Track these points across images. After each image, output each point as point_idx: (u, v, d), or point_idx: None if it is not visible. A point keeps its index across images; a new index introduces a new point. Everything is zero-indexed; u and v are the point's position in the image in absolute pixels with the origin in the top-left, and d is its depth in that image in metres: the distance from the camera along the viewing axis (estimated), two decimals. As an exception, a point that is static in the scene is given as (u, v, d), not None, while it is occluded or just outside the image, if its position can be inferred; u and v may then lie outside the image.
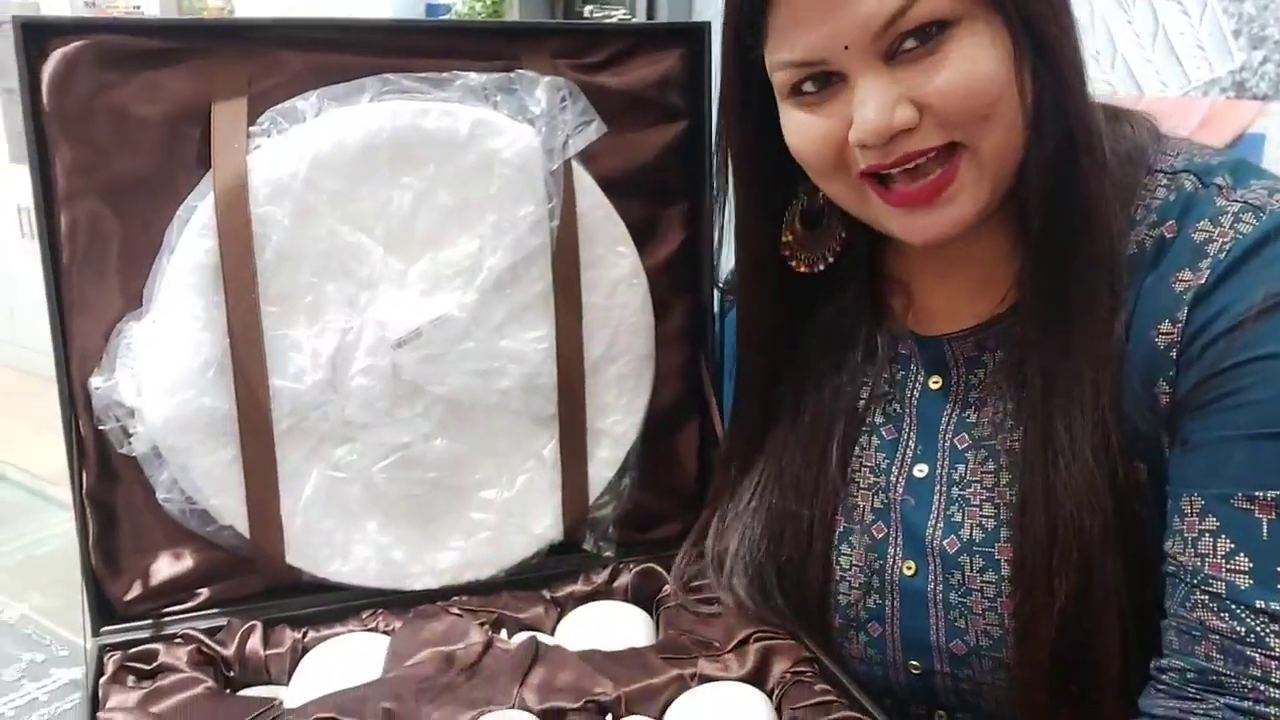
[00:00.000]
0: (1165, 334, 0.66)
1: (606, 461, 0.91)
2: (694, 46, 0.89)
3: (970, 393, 0.77)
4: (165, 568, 0.83)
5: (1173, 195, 0.69)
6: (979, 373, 0.77)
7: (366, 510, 0.85)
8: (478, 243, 0.84)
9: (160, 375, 0.79)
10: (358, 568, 0.85)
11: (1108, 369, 0.67)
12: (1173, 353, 0.66)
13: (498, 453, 0.88)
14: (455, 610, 0.83)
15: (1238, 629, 0.61)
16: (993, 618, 0.73)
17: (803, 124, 0.70)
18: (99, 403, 0.79)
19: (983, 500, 0.74)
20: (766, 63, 0.70)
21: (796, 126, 0.70)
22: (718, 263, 0.91)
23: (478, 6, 2.40)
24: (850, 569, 0.79)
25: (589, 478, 0.91)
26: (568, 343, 0.87)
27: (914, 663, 0.78)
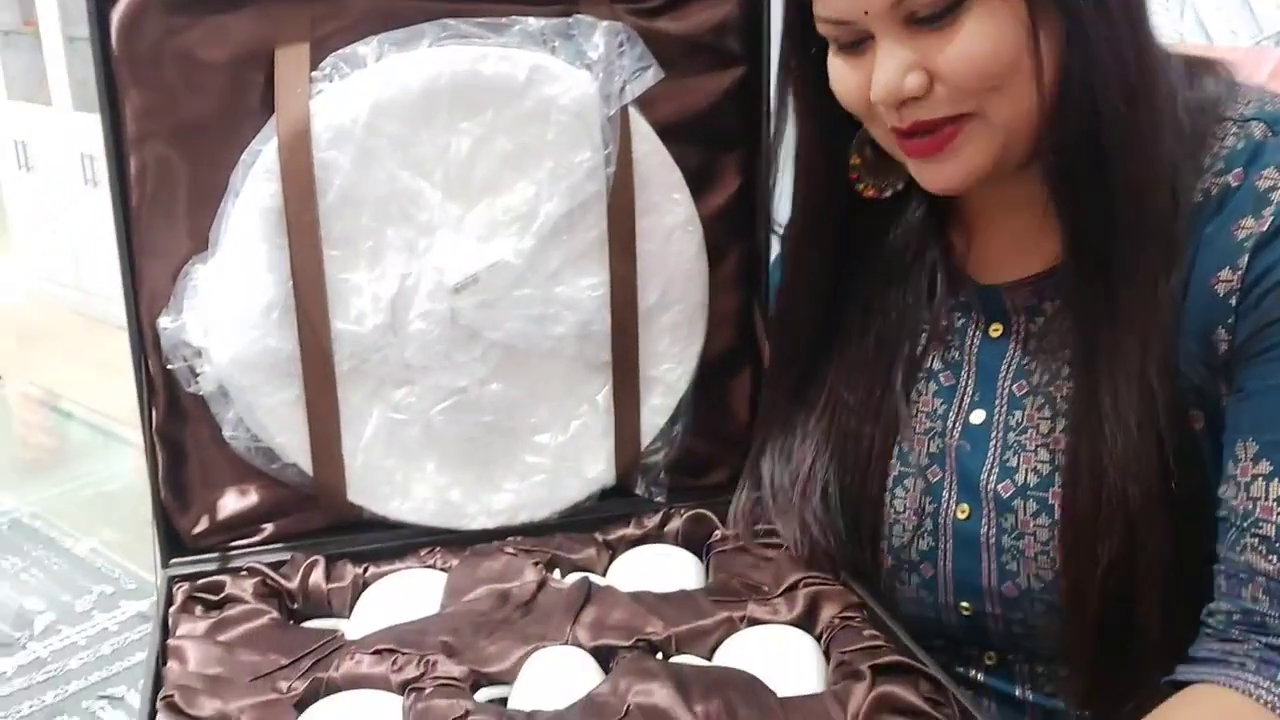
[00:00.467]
0: (1225, 281, 0.66)
1: (659, 408, 0.92)
2: (752, -9, 0.89)
3: (1029, 340, 0.77)
4: (232, 503, 0.85)
5: (1241, 143, 0.68)
6: (1038, 320, 0.77)
7: (425, 451, 0.87)
8: (534, 189, 0.84)
9: (226, 316, 0.81)
10: (416, 506, 0.87)
11: (1156, 332, 0.67)
12: (1232, 300, 0.66)
13: (552, 398, 0.90)
14: (510, 550, 0.85)
15: None
16: (1044, 561, 0.73)
17: (840, 72, 0.73)
18: (167, 343, 0.81)
19: (1038, 446, 0.75)
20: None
21: (835, 74, 0.74)
22: (773, 209, 0.91)
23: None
24: (904, 511, 0.80)
25: (641, 424, 0.92)
26: (622, 290, 0.88)
27: (965, 604, 0.78)
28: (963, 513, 0.78)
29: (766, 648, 0.74)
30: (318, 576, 0.82)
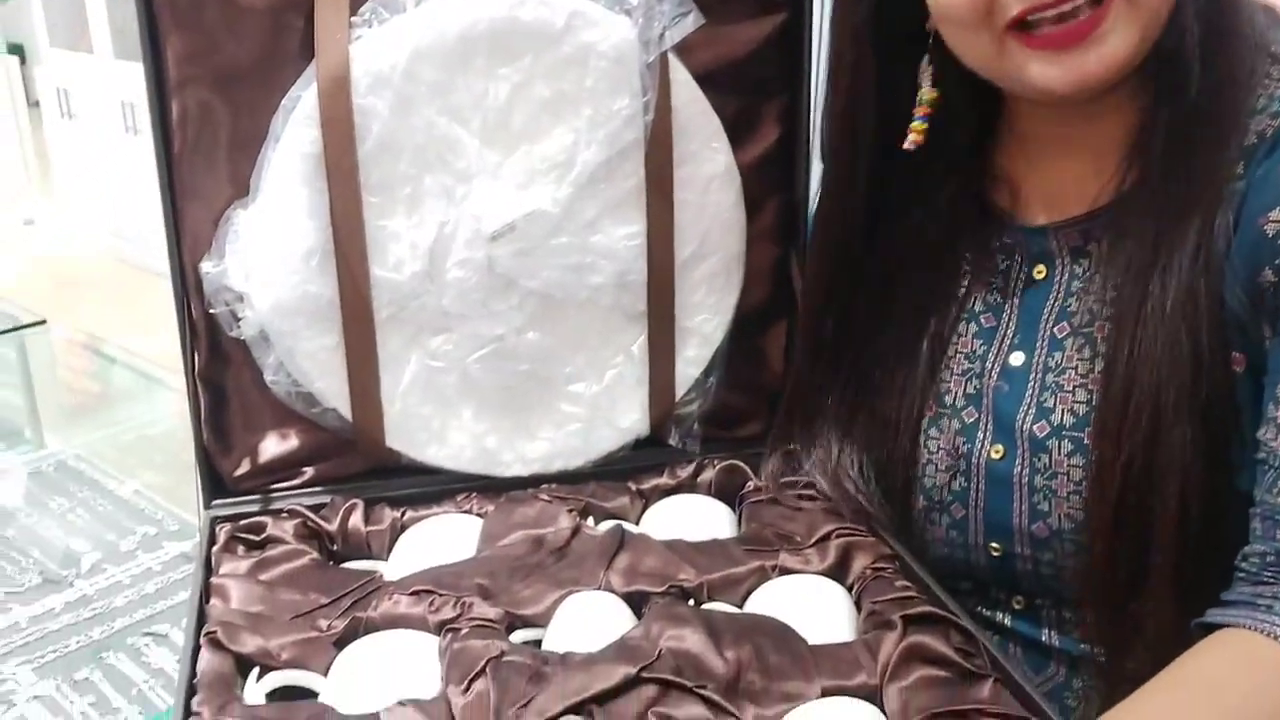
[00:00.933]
0: (1274, 222, 0.65)
1: (694, 360, 0.92)
2: (795, -63, 0.87)
3: (1074, 281, 0.77)
4: (273, 446, 0.87)
5: None
6: (1084, 262, 0.76)
7: (462, 398, 0.88)
8: (572, 136, 0.84)
9: (267, 261, 0.82)
10: (453, 453, 0.88)
11: (1211, 243, 0.67)
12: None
13: (588, 347, 0.90)
14: (545, 497, 0.86)
15: None
16: (1076, 501, 0.74)
17: None
18: (209, 287, 0.82)
19: (1076, 386, 0.75)
20: None
21: None
22: (811, 160, 0.90)
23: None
24: (938, 452, 0.80)
25: (676, 375, 0.92)
26: (659, 240, 0.88)
27: (994, 545, 0.79)
28: (997, 453, 0.78)
29: (798, 597, 0.74)
30: (357, 519, 0.83)
